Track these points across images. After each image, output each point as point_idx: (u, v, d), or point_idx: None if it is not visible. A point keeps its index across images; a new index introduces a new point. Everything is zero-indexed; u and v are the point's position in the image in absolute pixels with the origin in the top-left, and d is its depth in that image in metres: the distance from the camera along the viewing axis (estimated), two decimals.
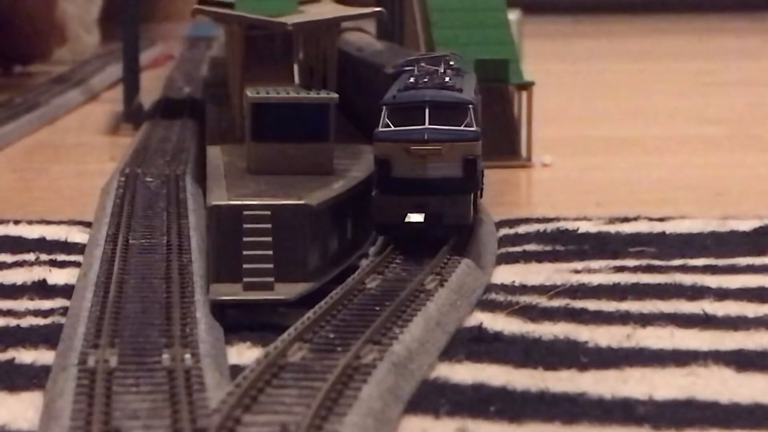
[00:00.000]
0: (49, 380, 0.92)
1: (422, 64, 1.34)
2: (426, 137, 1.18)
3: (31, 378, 0.96)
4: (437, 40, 1.92)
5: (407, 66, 1.37)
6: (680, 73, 3.20)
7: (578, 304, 1.14)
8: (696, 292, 1.16)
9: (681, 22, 4.71)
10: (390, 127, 1.21)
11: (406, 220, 1.18)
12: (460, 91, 1.26)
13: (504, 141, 1.80)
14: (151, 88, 2.50)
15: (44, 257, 1.31)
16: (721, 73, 3.16)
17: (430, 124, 1.19)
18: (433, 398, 0.91)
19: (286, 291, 1.13)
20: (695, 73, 3.17)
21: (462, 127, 1.21)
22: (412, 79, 1.28)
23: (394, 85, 1.32)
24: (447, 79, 1.28)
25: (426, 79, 1.28)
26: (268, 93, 1.53)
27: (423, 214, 1.17)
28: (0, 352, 1.02)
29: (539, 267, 1.27)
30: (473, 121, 1.21)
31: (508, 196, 1.64)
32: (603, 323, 1.08)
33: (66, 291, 1.18)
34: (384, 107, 1.23)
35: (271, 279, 1.12)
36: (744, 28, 4.56)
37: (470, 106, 1.22)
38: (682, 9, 5.23)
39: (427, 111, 1.20)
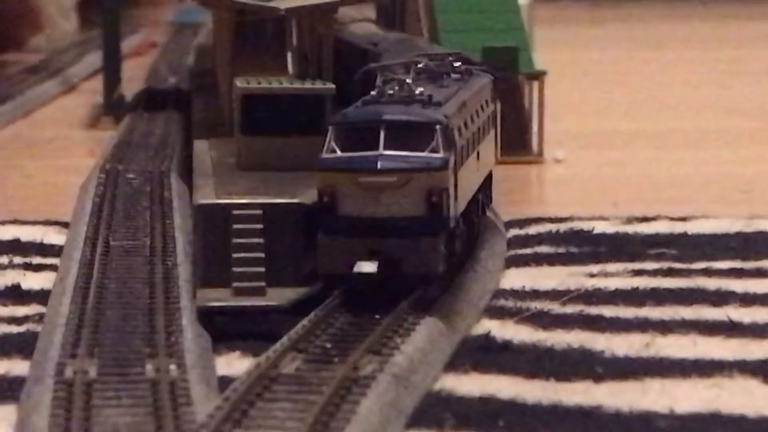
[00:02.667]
0: (23, 392, 0.92)
1: (389, 72, 1.15)
2: (378, 166, 0.98)
3: (4, 390, 0.96)
4: (441, 27, 1.92)
5: (383, 70, 1.19)
6: (703, 62, 3.20)
7: (594, 310, 1.14)
8: (720, 298, 1.16)
9: (703, 7, 4.70)
10: (336, 152, 1.01)
11: (356, 269, 0.98)
12: (438, 105, 1.06)
13: (514, 135, 1.80)
14: (133, 77, 2.51)
15: (18, 260, 1.32)
16: (748, 61, 3.16)
17: (385, 150, 0.99)
18: (437, 412, 0.90)
19: (279, 297, 1.13)
20: (719, 62, 3.17)
21: (425, 153, 1.00)
22: (374, 91, 1.08)
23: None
24: (419, 90, 1.07)
25: (392, 91, 1.07)
26: (259, 83, 1.53)
27: (377, 262, 0.98)
28: None
29: (551, 270, 1.27)
30: (440, 146, 1.00)
31: (519, 194, 1.64)
32: (620, 331, 1.08)
33: (42, 296, 1.18)
34: (330, 128, 1.04)
35: (263, 284, 1.12)
36: (764, 12, 4.55)
37: (437, 126, 1.01)
38: None
39: (382, 133, 1.00)
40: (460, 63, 1.26)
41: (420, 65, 1.22)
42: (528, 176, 1.74)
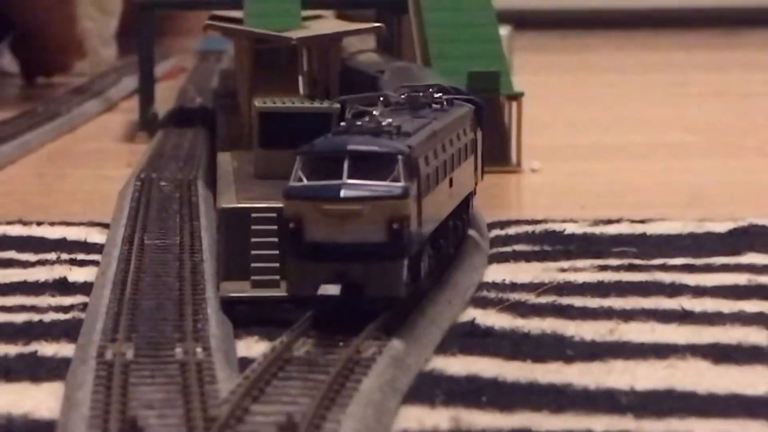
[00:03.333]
0: (69, 372, 0.92)
1: (358, 104, 1.08)
2: (341, 195, 0.91)
3: (53, 369, 0.96)
4: (433, 54, 1.92)
5: (352, 102, 1.12)
6: (658, 85, 3.21)
7: (565, 300, 1.13)
8: (675, 290, 1.16)
9: (658, 38, 4.73)
10: (303, 181, 0.94)
11: (320, 292, 0.93)
12: (406, 135, 0.99)
13: (495, 148, 1.80)
14: (165, 98, 2.51)
15: (65, 256, 1.31)
16: (694, 84, 3.17)
17: (348, 179, 0.92)
18: (428, 389, 0.90)
19: None
20: (671, 84, 3.18)
21: (387, 183, 0.92)
22: (344, 123, 1.02)
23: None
24: (387, 121, 0.99)
25: (360, 122, 1.00)
26: (274, 103, 1.53)
27: (341, 286, 0.93)
28: (23, 344, 1.02)
29: (528, 266, 1.26)
30: (402, 175, 0.92)
31: (499, 199, 1.64)
32: (588, 318, 1.08)
33: (85, 288, 1.18)
34: (297, 157, 0.96)
35: (278, 277, 1.12)
36: (715, 43, 4.58)
37: (399, 156, 0.93)
38: (658, 25, 5.25)
39: (346, 163, 0.93)
40: (441, 94, 1.19)
41: (402, 96, 1.17)
42: (508, 184, 1.74)
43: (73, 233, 1.41)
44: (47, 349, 1.01)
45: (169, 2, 2.31)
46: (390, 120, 0.99)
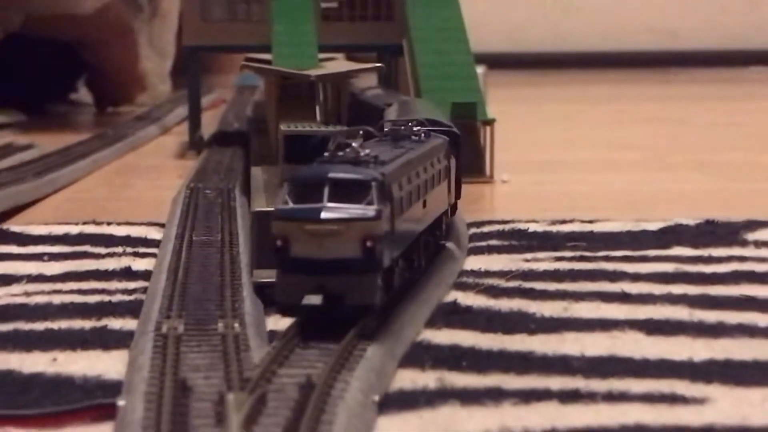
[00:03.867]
0: (132, 342, 0.93)
1: (341, 137, 0.99)
2: (321, 217, 0.86)
3: (119, 340, 0.96)
4: (423, 89, 1.93)
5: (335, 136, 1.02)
6: (605, 113, 3.22)
7: (528, 285, 1.14)
8: (616, 276, 1.16)
9: (605, 76, 4.74)
10: (289, 204, 0.88)
11: (304, 302, 0.87)
12: (382, 164, 0.93)
13: (473, 163, 1.81)
14: (209, 123, 2.51)
15: (129, 250, 1.32)
16: (636, 111, 3.17)
17: (328, 202, 0.87)
18: (419, 356, 0.91)
19: None
20: (616, 112, 3.19)
21: (362, 206, 0.87)
22: (327, 153, 0.96)
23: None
24: (365, 152, 0.94)
25: (342, 153, 0.95)
26: (296, 127, 1.53)
27: (322, 296, 0.87)
28: (96, 320, 1.03)
29: (499, 257, 1.27)
30: (375, 199, 0.87)
31: (476, 204, 1.64)
32: (546, 299, 1.08)
33: (145, 275, 1.18)
34: (284, 183, 0.91)
35: None
36: (650, 79, 4.59)
37: (373, 182, 0.88)
38: (605, 66, 5.26)
39: (326, 189, 0.88)
40: (420, 127, 1.14)
41: (386, 130, 1.14)
42: (483, 192, 1.74)
43: (135, 231, 1.41)
44: (115, 323, 1.02)
45: (211, 47, 2.31)
46: (368, 150, 0.94)
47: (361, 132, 1.03)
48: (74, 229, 1.42)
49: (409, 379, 0.85)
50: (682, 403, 0.80)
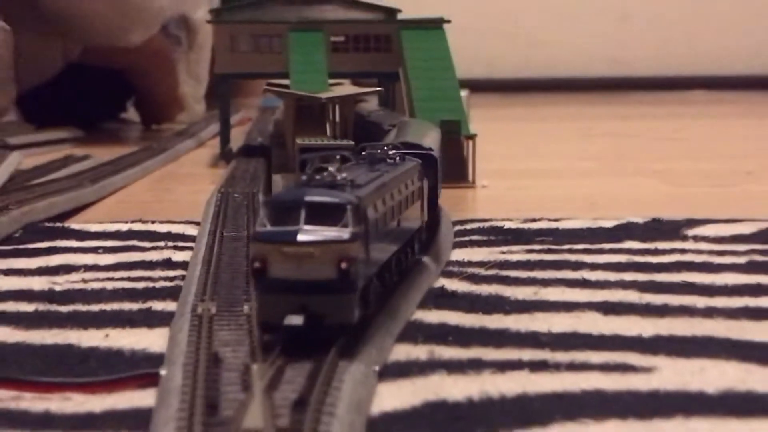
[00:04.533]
0: (172, 321, 0.93)
1: (318, 162, 0.88)
2: (297, 239, 0.77)
3: (162, 319, 0.96)
4: (417, 109, 1.94)
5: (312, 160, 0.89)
6: (571, 129, 3.22)
7: (504, 273, 1.13)
8: (577, 266, 1.16)
9: (568, 98, 4.74)
10: (267, 226, 0.79)
11: (286, 322, 0.77)
12: (357, 187, 0.84)
13: (458, 171, 1.81)
14: (237, 138, 2.51)
15: (170, 244, 1.32)
16: (595, 129, 3.17)
17: (305, 225, 0.77)
18: (412, 333, 0.91)
19: None
20: (580, 129, 3.19)
21: (338, 228, 0.77)
22: (305, 177, 0.85)
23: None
24: (341, 176, 0.84)
25: (319, 176, 0.84)
26: (310, 141, 1.54)
27: (303, 316, 0.77)
28: (142, 302, 1.03)
29: (480, 250, 1.27)
30: (350, 222, 0.78)
31: (461, 205, 1.64)
32: (519, 285, 1.08)
33: (183, 265, 1.18)
34: (263, 206, 0.82)
35: None
36: (609, 101, 4.59)
37: (348, 206, 0.78)
38: (571, 89, 5.27)
39: (303, 212, 0.78)
40: (395, 151, 1.05)
41: (363, 153, 1.04)
42: (466, 195, 1.74)
43: (175, 228, 1.41)
44: (158, 305, 1.02)
45: (239, 74, 2.32)
46: (344, 174, 0.85)
47: (338, 156, 0.91)
48: (124, 227, 1.42)
49: (404, 352, 0.85)
50: (632, 372, 0.80)
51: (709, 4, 5.91)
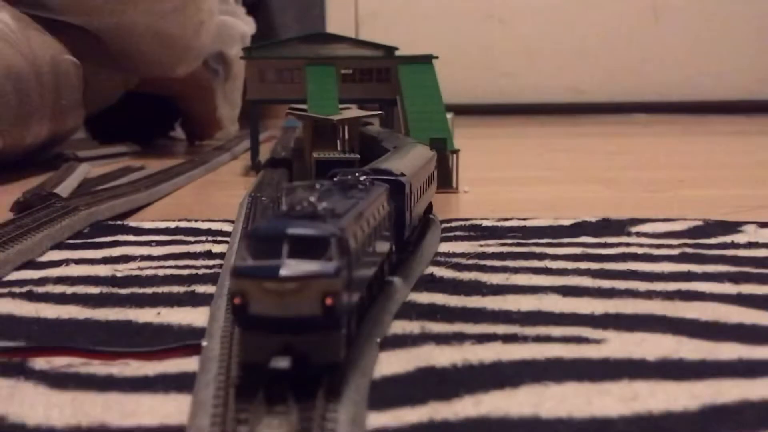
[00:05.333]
0: (212, 302, 0.93)
1: (298, 192, 0.72)
2: (280, 274, 0.60)
3: (204, 300, 0.96)
4: (411, 129, 1.94)
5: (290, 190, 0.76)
6: (537, 146, 3.22)
7: (482, 262, 1.13)
8: (542, 257, 1.16)
9: (534, 120, 4.74)
10: (247, 260, 0.62)
11: (271, 365, 0.61)
12: (338, 217, 0.68)
13: (444, 179, 1.81)
14: (264, 152, 2.51)
15: (210, 239, 1.32)
16: (558, 145, 3.18)
17: (287, 259, 0.61)
18: (407, 311, 0.91)
19: None
20: (545, 145, 3.20)
21: (321, 262, 0.62)
22: (285, 207, 0.69)
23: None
24: (322, 206, 0.67)
25: (299, 207, 0.67)
26: (324, 155, 1.54)
27: (289, 357, 0.61)
28: (187, 286, 1.03)
29: (462, 243, 1.26)
30: (334, 255, 0.62)
31: (446, 207, 1.64)
32: (495, 272, 1.08)
33: (221, 256, 1.18)
34: (244, 239, 0.65)
35: None
36: (570, 122, 4.59)
37: (332, 238, 0.63)
38: (534, 113, 5.27)
39: (285, 245, 0.62)
40: (365, 177, 0.88)
41: (335, 179, 0.88)
42: (451, 199, 1.74)
43: (214, 226, 1.41)
44: (200, 289, 1.02)
45: (266, 100, 2.32)
46: (325, 204, 0.68)
47: (317, 185, 0.78)
48: (172, 224, 1.42)
49: (400, 327, 0.85)
50: (586, 343, 0.80)
51: (648, 43, 5.93)
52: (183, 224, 1.43)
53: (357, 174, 0.89)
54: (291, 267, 0.61)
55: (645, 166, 2.42)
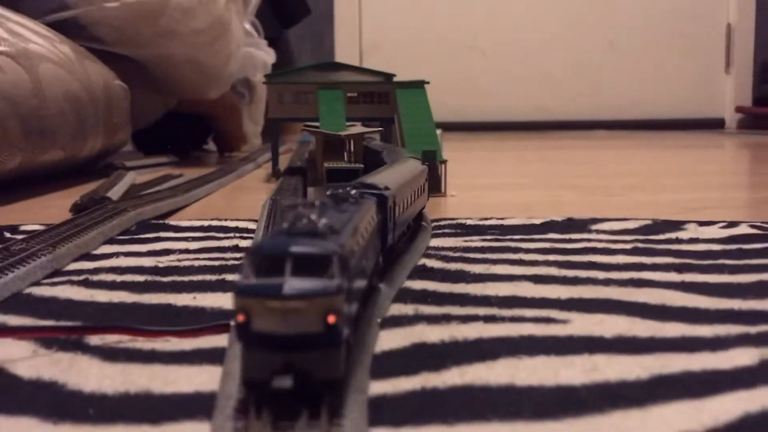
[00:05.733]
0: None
1: (299, 208, 0.62)
2: (282, 292, 0.51)
3: (232, 287, 0.95)
4: (406, 142, 1.94)
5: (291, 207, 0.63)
6: (512, 157, 3.22)
7: (466, 255, 1.13)
8: (516, 250, 1.16)
9: (510, 135, 4.73)
10: (250, 278, 0.53)
11: (274, 384, 0.51)
12: (337, 234, 0.58)
13: (435, 185, 1.81)
14: (283, 162, 2.50)
15: (237, 235, 1.31)
16: (528, 157, 3.18)
17: (290, 277, 0.52)
18: (403, 296, 0.90)
19: None
20: (517, 157, 3.20)
21: (324, 280, 0.52)
22: (285, 224, 0.58)
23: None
24: (323, 222, 0.57)
25: (300, 224, 0.57)
26: (334, 165, 1.53)
27: (291, 377, 0.51)
28: (218, 275, 1.02)
29: (449, 239, 1.26)
30: (337, 272, 0.52)
31: (436, 209, 1.63)
32: (477, 263, 1.08)
33: (247, 249, 1.18)
34: (246, 257, 0.54)
35: None
36: (540, 137, 4.58)
37: (334, 256, 0.53)
38: (510, 129, 5.27)
39: (288, 264, 0.52)
40: (355, 191, 0.78)
41: (328, 193, 0.77)
42: (440, 202, 1.73)
43: (241, 224, 1.40)
44: (229, 277, 1.01)
45: (285, 118, 2.31)
46: (324, 221, 0.58)
47: (316, 203, 0.68)
48: (206, 223, 1.42)
49: (397, 309, 0.85)
50: (554, 323, 0.80)
51: (605, 71, 5.93)
52: (214, 223, 1.42)
53: (348, 189, 0.80)
54: (294, 285, 0.52)
55: (603, 174, 2.42)
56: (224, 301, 0.89)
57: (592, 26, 5.67)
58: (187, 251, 1.18)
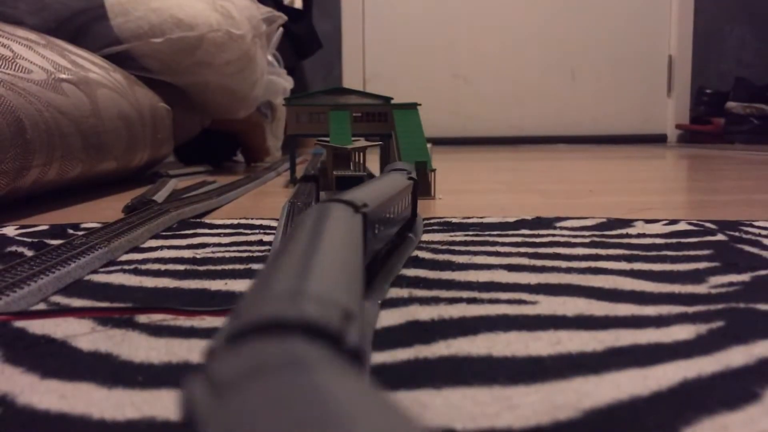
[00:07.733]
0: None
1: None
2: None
3: (255, 277, 0.96)
4: (402, 155, 1.94)
5: None
6: (488, 167, 3.21)
7: (452, 247, 1.13)
8: (493, 243, 1.16)
9: (488, 149, 4.72)
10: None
11: None
12: None
13: (425, 190, 1.80)
14: (299, 171, 2.50)
15: (261, 231, 1.31)
16: (502, 166, 3.17)
17: None
18: (399, 281, 0.90)
19: None
20: (493, 167, 3.19)
21: None
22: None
23: None
24: None
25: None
26: (341, 173, 1.53)
27: None
28: (246, 265, 1.02)
29: (439, 234, 1.26)
30: None
31: (427, 210, 1.63)
32: (461, 254, 1.08)
33: (269, 243, 1.18)
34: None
35: None
36: (510, 150, 4.57)
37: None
38: (488, 144, 5.26)
39: None
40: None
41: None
42: (430, 204, 1.73)
43: (264, 222, 1.40)
44: (255, 266, 1.01)
45: (301, 134, 2.31)
46: None
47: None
48: (235, 221, 1.41)
49: (394, 292, 0.85)
50: (525, 304, 0.80)
51: (568, 93, 5.94)
52: (243, 221, 1.42)
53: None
54: None
55: (566, 181, 2.41)
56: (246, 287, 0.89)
57: (558, 58, 5.72)
58: (219, 245, 1.18)
